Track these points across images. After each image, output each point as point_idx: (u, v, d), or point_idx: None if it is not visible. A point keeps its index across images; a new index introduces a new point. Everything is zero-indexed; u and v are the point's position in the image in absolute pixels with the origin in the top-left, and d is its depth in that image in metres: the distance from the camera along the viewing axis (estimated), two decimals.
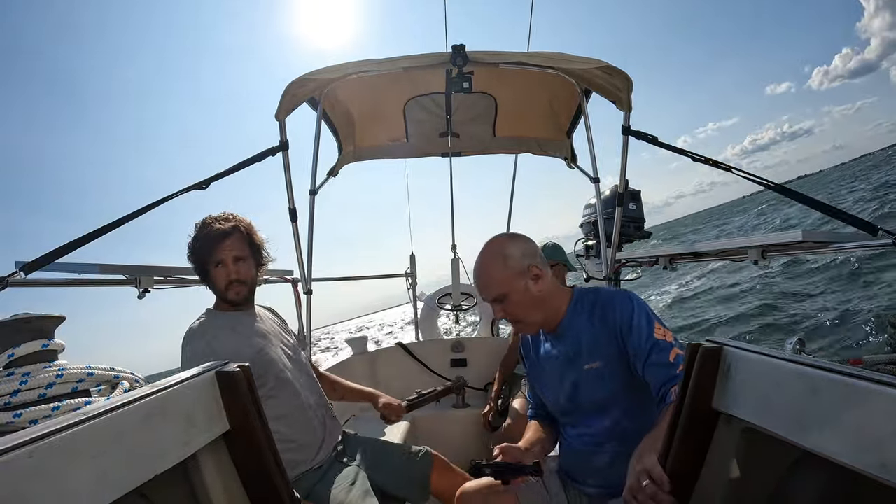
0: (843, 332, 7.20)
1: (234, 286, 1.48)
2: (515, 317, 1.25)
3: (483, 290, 1.26)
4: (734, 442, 0.81)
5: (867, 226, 1.51)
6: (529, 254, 1.25)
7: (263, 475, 0.94)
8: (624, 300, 1.20)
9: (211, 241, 1.45)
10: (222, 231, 1.46)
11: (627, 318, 1.17)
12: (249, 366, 0.95)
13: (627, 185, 2.44)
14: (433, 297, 3.95)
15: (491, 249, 1.26)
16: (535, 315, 1.26)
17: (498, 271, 1.22)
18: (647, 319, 1.15)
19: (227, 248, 1.46)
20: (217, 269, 1.47)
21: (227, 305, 1.52)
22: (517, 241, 1.28)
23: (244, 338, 1.44)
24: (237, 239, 1.49)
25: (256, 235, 1.57)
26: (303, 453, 1.44)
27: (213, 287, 1.50)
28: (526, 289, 1.22)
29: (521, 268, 1.22)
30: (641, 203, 3.66)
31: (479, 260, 1.26)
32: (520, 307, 1.23)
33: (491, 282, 1.23)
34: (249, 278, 1.52)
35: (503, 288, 1.21)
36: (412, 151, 3.12)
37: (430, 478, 1.57)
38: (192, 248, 1.49)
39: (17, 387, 1.50)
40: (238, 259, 1.48)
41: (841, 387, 0.61)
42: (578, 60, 1.91)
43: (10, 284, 1.35)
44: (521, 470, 1.03)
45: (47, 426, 0.58)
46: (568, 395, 1.28)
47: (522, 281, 1.22)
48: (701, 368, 0.83)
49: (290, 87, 2.00)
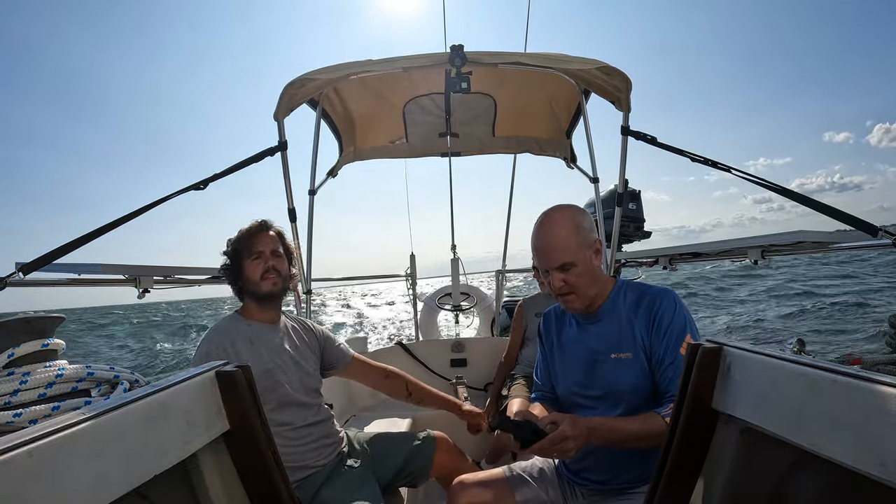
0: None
1: (271, 275, 1.48)
2: (575, 288, 1.23)
3: (552, 254, 1.22)
4: (734, 442, 0.81)
5: (867, 226, 1.51)
6: (594, 228, 1.27)
7: (263, 475, 0.94)
8: (669, 302, 1.21)
9: (251, 234, 1.50)
10: (262, 223, 1.53)
11: (667, 321, 1.18)
12: (249, 366, 0.95)
13: (627, 185, 2.44)
14: (433, 297, 3.95)
15: (565, 216, 1.23)
16: (591, 290, 1.25)
17: (572, 238, 1.20)
18: (680, 330, 1.16)
19: (266, 240, 1.50)
20: (254, 261, 1.48)
21: (255, 310, 1.51)
22: (585, 213, 1.27)
23: (258, 354, 1.43)
24: (274, 236, 1.54)
25: (288, 242, 1.62)
26: (302, 464, 1.44)
27: (246, 284, 1.50)
28: (590, 261, 1.22)
29: (591, 240, 1.22)
30: (641, 203, 3.67)
31: (551, 225, 1.23)
32: (582, 278, 1.22)
33: (564, 248, 1.20)
34: (284, 271, 1.53)
35: (574, 256, 1.20)
36: (412, 152, 3.12)
37: (434, 459, 1.58)
38: (230, 243, 1.52)
39: (17, 386, 1.51)
40: (275, 253, 1.51)
41: (840, 387, 0.61)
42: (577, 61, 1.91)
43: (10, 284, 1.35)
44: (541, 434, 1.02)
45: (47, 426, 0.58)
46: (585, 381, 1.28)
47: (589, 252, 1.22)
48: (701, 368, 0.84)
49: (289, 88, 1.99)
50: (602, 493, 1.24)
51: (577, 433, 1.01)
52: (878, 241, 1.50)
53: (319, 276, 2.71)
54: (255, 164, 2.02)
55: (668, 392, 1.14)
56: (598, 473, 1.25)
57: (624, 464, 1.20)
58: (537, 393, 1.47)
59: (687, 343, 1.15)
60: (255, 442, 0.92)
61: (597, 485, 1.25)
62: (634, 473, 1.19)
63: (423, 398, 1.80)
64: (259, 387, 1.40)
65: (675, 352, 1.14)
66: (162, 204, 1.75)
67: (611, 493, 1.23)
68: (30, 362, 1.60)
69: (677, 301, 1.22)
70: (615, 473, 1.22)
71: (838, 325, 9.58)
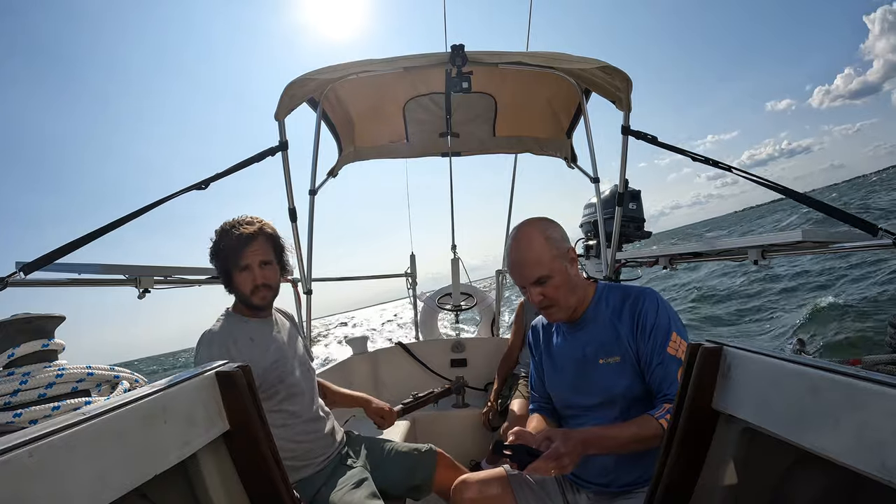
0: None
1: (261, 291, 1.44)
2: (553, 300, 1.22)
3: (525, 270, 1.22)
4: (734, 442, 0.81)
5: (867, 226, 1.51)
6: (566, 237, 1.26)
7: (263, 475, 0.94)
8: (651, 302, 1.20)
9: (237, 246, 1.40)
10: (248, 234, 1.41)
11: (651, 321, 1.18)
12: (250, 366, 0.95)
13: (627, 185, 2.44)
14: (433, 297, 3.95)
15: (534, 230, 1.23)
16: (571, 299, 1.24)
17: (544, 252, 1.20)
18: (665, 329, 1.16)
19: (254, 252, 1.42)
20: (242, 273, 1.42)
21: (248, 310, 1.49)
22: (555, 224, 1.27)
23: (260, 350, 1.43)
24: (263, 243, 1.45)
25: (281, 240, 1.54)
26: (309, 461, 1.45)
27: (236, 292, 1.47)
28: (566, 271, 1.22)
29: (563, 250, 1.22)
30: (641, 203, 3.66)
31: (521, 240, 1.23)
32: (560, 290, 1.21)
33: (537, 262, 1.20)
34: (275, 283, 1.48)
35: (548, 269, 1.20)
36: (412, 151, 3.12)
37: (434, 475, 1.57)
38: (215, 252, 1.44)
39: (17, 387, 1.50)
40: (264, 263, 1.44)
41: (840, 387, 0.61)
42: (578, 60, 1.91)
43: (10, 284, 1.35)
44: (537, 455, 1.03)
45: (47, 426, 0.58)
46: (577, 389, 1.28)
47: (564, 263, 1.21)
48: (701, 368, 0.84)
49: (290, 88, 1.99)
50: (604, 494, 1.24)
51: (570, 449, 1.02)
52: (879, 241, 1.49)
53: (319, 276, 2.71)
54: (256, 163, 2.03)
55: (659, 392, 1.14)
56: (601, 475, 1.24)
57: (626, 465, 1.20)
58: (534, 404, 1.47)
59: (679, 342, 1.15)
60: (255, 442, 0.92)
61: (599, 486, 1.25)
62: (636, 474, 1.19)
63: (336, 399, 1.82)
64: (267, 380, 1.41)
65: (663, 351, 1.14)
66: (162, 204, 1.75)
67: (613, 494, 1.22)
68: (30, 362, 1.59)
69: (659, 300, 1.21)
70: (617, 475, 1.21)
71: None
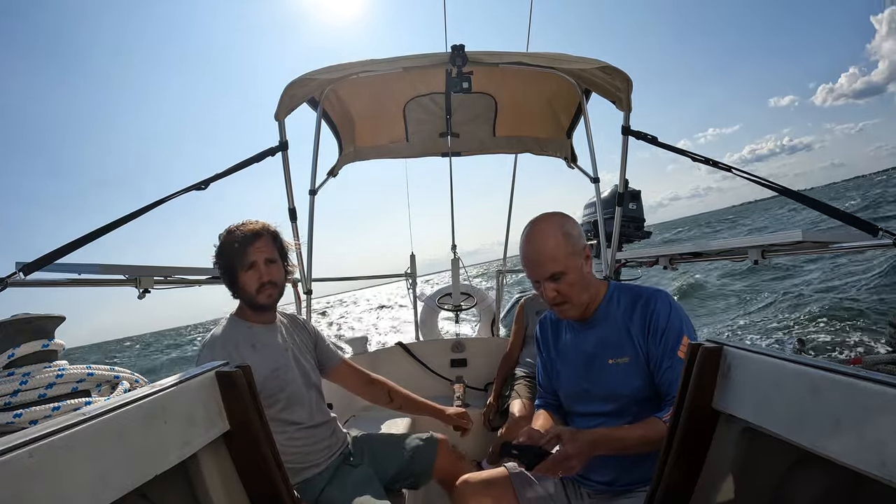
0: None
1: (266, 289, 1.43)
2: (567, 297, 1.22)
3: (540, 265, 1.21)
4: (734, 442, 0.81)
5: (867, 226, 1.51)
6: (583, 234, 1.25)
7: (263, 475, 0.94)
8: (663, 304, 1.20)
9: (242, 244, 1.41)
10: (253, 232, 1.43)
11: (663, 323, 1.17)
12: (250, 366, 0.95)
13: (627, 185, 2.44)
14: (433, 297, 3.95)
15: (551, 225, 1.21)
16: (584, 297, 1.24)
17: (560, 248, 1.18)
18: (677, 332, 1.16)
19: (259, 249, 1.43)
20: (248, 272, 1.42)
21: (252, 314, 1.49)
22: (572, 220, 1.25)
23: (262, 356, 1.42)
24: (267, 241, 1.46)
25: (284, 239, 1.54)
26: (310, 463, 1.44)
27: (241, 293, 1.46)
28: (581, 269, 1.21)
29: (579, 247, 1.21)
30: (641, 203, 3.67)
31: (538, 236, 1.21)
32: (574, 287, 1.21)
33: (554, 258, 1.18)
34: (280, 281, 1.48)
35: (564, 265, 1.19)
36: (412, 151, 3.12)
37: (435, 462, 1.57)
38: (220, 253, 1.45)
39: (17, 387, 1.50)
40: (269, 261, 1.45)
41: (841, 387, 0.61)
42: (578, 60, 1.91)
43: (10, 285, 1.35)
44: (545, 455, 1.03)
45: (47, 426, 0.58)
46: (586, 387, 1.27)
47: (579, 260, 1.21)
48: (701, 368, 0.84)
49: (290, 87, 1.99)
50: (606, 493, 1.24)
51: (578, 450, 1.02)
52: (879, 241, 1.49)
53: (319, 276, 2.71)
54: (256, 163, 2.03)
55: (668, 395, 1.14)
56: (604, 474, 1.24)
57: (629, 464, 1.20)
58: (541, 400, 1.47)
59: (686, 344, 1.15)
60: (256, 442, 0.92)
61: (602, 485, 1.25)
62: (639, 474, 1.19)
63: (404, 404, 1.77)
64: (267, 388, 1.41)
65: (673, 355, 1.14)
66: (162, 204, 1.75)
67: (615, 493, 1.22)
68: (30, 363, 1.60)
69: (672, 302, 1.21)
70: (620, 474, 1.21)
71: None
